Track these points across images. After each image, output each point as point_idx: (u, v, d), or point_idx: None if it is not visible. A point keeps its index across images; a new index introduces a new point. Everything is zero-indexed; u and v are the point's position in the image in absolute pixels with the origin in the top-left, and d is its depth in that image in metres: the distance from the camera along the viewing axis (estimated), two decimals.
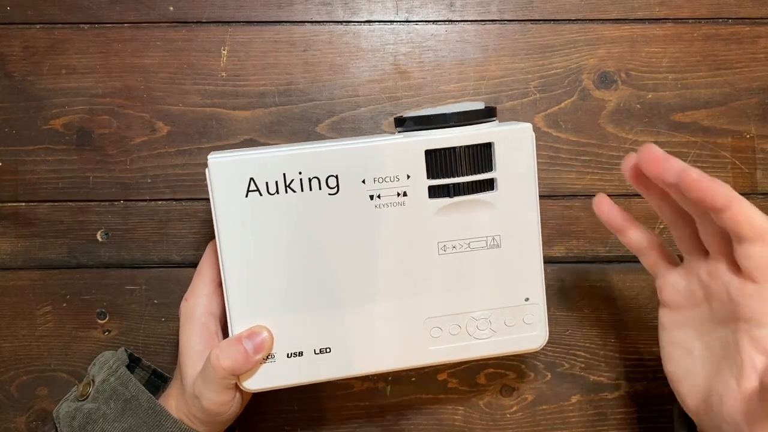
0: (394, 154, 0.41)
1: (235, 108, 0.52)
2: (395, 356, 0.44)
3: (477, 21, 0.52)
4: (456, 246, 0.43)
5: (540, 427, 0.54)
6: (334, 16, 0.51)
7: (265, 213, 0.41)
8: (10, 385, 0.53)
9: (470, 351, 0.44)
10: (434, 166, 0.42)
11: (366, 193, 0.41)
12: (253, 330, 0.42)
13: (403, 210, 0.42)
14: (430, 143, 0.41)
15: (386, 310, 0.43)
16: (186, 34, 0.51)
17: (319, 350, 0.43)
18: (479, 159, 0.42)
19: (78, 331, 0.53)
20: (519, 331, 0.44)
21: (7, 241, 0.52)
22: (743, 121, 0.53)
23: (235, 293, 0.42)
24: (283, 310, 0.42)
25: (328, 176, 0.41)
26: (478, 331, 0.44)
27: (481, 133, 0.42)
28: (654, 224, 0.53)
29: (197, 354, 0.43)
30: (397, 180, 0.41)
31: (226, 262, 0.41)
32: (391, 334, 0.43)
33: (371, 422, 0.54)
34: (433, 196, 0.42)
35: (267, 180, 0.41)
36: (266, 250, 0.41)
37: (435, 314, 0.43)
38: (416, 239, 0.42)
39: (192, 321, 0.44)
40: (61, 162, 0.52)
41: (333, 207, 0.41)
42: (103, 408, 0.44)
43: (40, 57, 0.51)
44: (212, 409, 0.42)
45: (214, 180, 0.40)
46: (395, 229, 0.42)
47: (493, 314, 0.44)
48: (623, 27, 0.52)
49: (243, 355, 0.41)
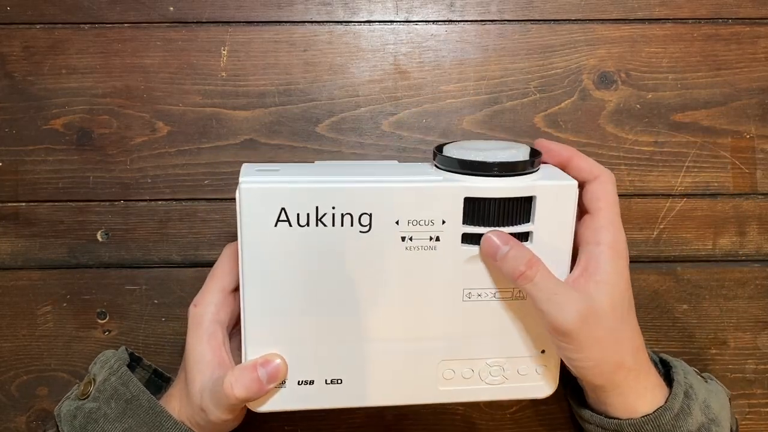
0: (433, 198, 0.40)
1: (235, 108, 0.52)
2: (405, 393, 0.43)
3: (477, 21, 0.52)
4: (481, 294, 0.42)
5: (540, 427, 0.54)
6: (334, 16, 0.51)
7: (292, 244, 0.40)
8: (10, 385, 0.53)
9: (480, 394, 0.44)
10: (471, 212, 0.40)
11: (398, 234, 0.40)
12: (267, 358, 0.41)
13: (434, 254, 0.41)
14: (471, 191, 0.40)
15: (402, 349, 0.42)
16: (186, 34, 0.51)
17: (331, 380, 0.42)
18: (518, 211, 0.41)
19: (78, 331, 0.53)
20: (531, 380, 0.44)
21: (7, 241, 0.52)
22: (743, 121, 0.53)
23: (252, 317, 0.41)
24: (299, 338, 0.41)
25: (362, 214, 0.40)
26: (491, 377, 0.44)
27: (525, 186, 0.40)
28: (654, 224, 0.53)
29: (204, 363, 0.43)
30: (432, 224, 0.40)
31: (247, 286, 0.40)
32: (403, 372, 0.43)
33: (371, 422, 0.54)
34: (465, 242, 0.41)
35: (299, 212, 0.39)
36: (289, 280, 0.40)
37: (450, 357, 0.43)
38: (443, 284, 0.41)
39: (200, 329, 0.43)
40: (61, 162, 0.52)
41: (362, 245, 0.40)
42: (104, 408, 0.44)
43: (41, 57, 0.51)
44: (217, 423, 0.42)
45: (244, 205, 0.39)
46: (423, 272, 0.41)
47: (508, 362, 0.44)
48: (623, 27, 0.52)
49: (257, 384, 0.41)
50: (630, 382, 0.42)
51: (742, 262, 0.54)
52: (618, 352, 0.41)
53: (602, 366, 0.41)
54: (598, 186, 0.42)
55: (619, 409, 0.42)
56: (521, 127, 0.52)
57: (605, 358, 0.41)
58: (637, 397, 0.42)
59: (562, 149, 0.44)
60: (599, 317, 0.40)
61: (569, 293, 0.40)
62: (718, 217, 0.53)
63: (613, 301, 0.41)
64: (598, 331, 0.40)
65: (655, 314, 0.54)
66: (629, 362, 0.41)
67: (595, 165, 0.43)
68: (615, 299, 0.41)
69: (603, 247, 0.41)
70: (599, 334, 0.40)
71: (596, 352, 0.40)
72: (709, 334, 0.54)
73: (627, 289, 0.42)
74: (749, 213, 0.53)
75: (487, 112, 0.52)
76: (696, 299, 0.54)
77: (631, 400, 0.42)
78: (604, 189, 0.42)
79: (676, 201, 0.53)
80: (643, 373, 0.43)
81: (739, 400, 0.55)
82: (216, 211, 0.52)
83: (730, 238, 0.54)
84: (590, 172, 0.43)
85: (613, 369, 0.41)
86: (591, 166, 0.43)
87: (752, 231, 0.54)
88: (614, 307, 0.41)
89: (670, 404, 0.42)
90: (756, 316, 0.54)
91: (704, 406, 0.43)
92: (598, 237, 0.42)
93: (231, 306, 0.44)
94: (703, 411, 0.43)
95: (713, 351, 0.54)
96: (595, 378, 0.41)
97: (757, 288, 0.54)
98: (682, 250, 0.54)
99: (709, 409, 0.43)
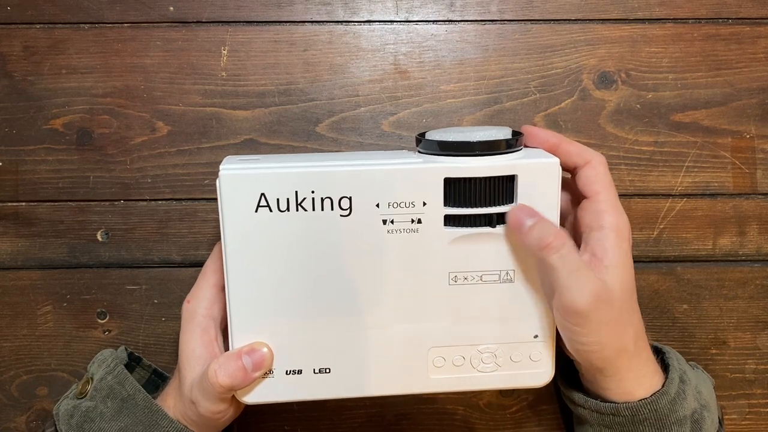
0: (412, 180, 0.40)
1: (235, 108, 0.52)
2: (395, 382, 0.43)
3: (477, 21, 0.52)
4: (468, 277, 0.42)
5: (540, 427, 0.54)
6: (334, 16, 0.51)
7: (273, 230, 0.40)
8: (10, 385, 0.53)
9: (472, 383, 0.44)
10: (452, 194, 0.40)
11: (379, 218, 0.40)
12: (253, 346, 0.41)
13: (416, 237, 0.40)
14: (450, 171, 0.40)
15: (390, 336, 0.42)
16: (186, 34, 0.51)
17: (319, 370, 0.42)
18: (500, 190, 0.40)
19: (78, 331, 0.53)
20: (525, 367, 0.44)
21: (7, 241, 0.52)
22: (743, 121, 0.53)
23: (237, 306, 0.41)
24: (285, 327, 0.41)
25: (342, 197, 0.40)
26: (483, 364, 0.43)
27: (506, 164, 0.40)
28: (654, 224, 0.53)
29: (196, 358, 0.43)
30: (413, 206, 0.40)
31: (231, 274, 0.40)
32: (393, 360, 0.42)
33: (371, 422, 0.54)
34: (448, 224, 0.41)
35: (278, 197, 0.39)
36: (272, 267, 0.40)
37: (440, 344, 0.43)
38: (427, 267, 0.41)
39: (192, 324, 0.44)
40: (61, 162, 0.52)
41: (344, 229, 0.40)
42: (100, 406, 0.44)
43: (40, 57, 0.51)
44: (208, 416, 0.42)
45: (224, 192, 0.39)
46: (406, 255, 0.41)
47: (500, 349, 0.43)
48: (623, 27, 0.52)
49: (241, 372, 0.41)
50: (630, 367, 0.42)
51: (742, 262, 0.54)
52: (622, 336, 0.41)
53: (606, 350, 0.40)
54: (591, 170, 0.42)
55: (616, 393, 0.42)
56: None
57: (610, 342, 0.40)
58: (635, 382, 0.42)
59: (549, 135, 0.43)
60: (611, 301, 0.39)
61: (588, 273, 0.39)
62: (718, 217, 0.53)
63: (623, 285, 0.40)
64: (608, 315, 0.39)
65: (655, 314, 0.54)
66: (631, 347, 0.41)
67: (584, 149, 0.43)
68: (624, 283, 0.41)
69: (607, 231, 0.41)
70: (608, 318, 0.39)
71: (603, 336, 0.40)
72: (709, 334, 0.54)
73: (632, 272, 0.42)
74: (749, 213, 0.53)
75: (487, 112, 0.52)
76: (696, 299, 0.54)
77: (629, 385, 0.42)
78: (596, 172, 0.42)
79: (676, 201, 0.53)
80: (642, 358, 0.43)
81: (739, 400, 0.55)
82: (216, 211, 0.52)
83: (730, 238, 0.54)
84: (580, 157, 0.42)
85: (616, 353, 0.41)
86: (580, 150, 0.43)
87: (752, 231, 0.54)
88: (623, 291, 0.40)
89: (667, 389, 0.42)
90: (756, 316, 0.54)
91: (696, 392, 0.43)
92: (600, 221, 0.41)
93: (223, 302, 0.44)
94: (695, 397, 0.43)
95: (713, 351, 0.54)
96: (597, 361, 0.41)
97: (757, 288, 0.54)
98: (682, 250, 0.54)
99: (700, 395, 0.44)
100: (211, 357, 0.43)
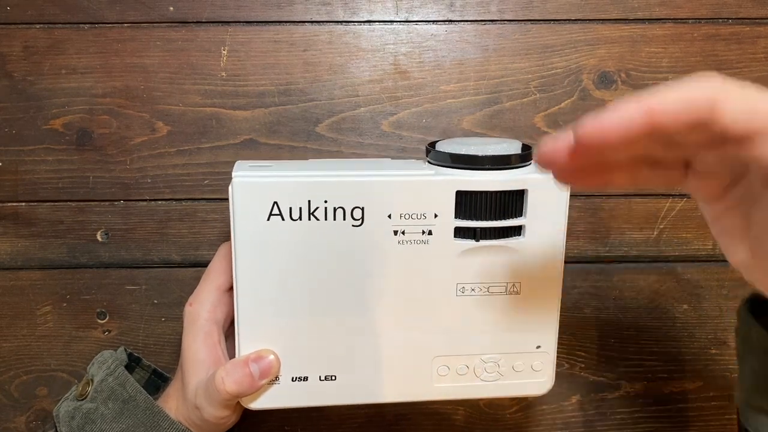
0: (425, 192, 0.40)
1: (235, 108, 0.52)
2: (400, 390, 0.43)
3: (477, 21, 0.52)
4: (475, 289, 0.42)
5: (540, 427, 0.54)
6: (334, 16, 0.51)
7: (285, 238, 0.40)
8: (10, 385, 0.53)
9: (475, 392, 0.44)
10: (463, 206, 0.40)
11: (390, 228, 0.40)
12: (260, 353, 0.41)
13: (426, 248, 0.41)
14: (463, 184, 0.40)
15: (396, 345, 0.42)
16: (186, 34, 0.51)
17: (325, 377, 0.42)
18: (510, 204, 0.41)
19: (78, 331, 0.53)
20: (526, 377, 0.44)
21: (7, 241, 0.52)
22: None
23: (246, 313, 0.41)
24: (292, 333, 0.41)
25: (354, 207, 0.40)
26: (486, 373, 0.44)
27: (517, 179, 0.40)
28: (654, 224, 0.53)
29: (199, 362, 0.43)
30: (424, 218, 0.40)
31: (240, 281, 0.40)
32: (398, 368, 0.43)
33: (371, 422, 0.54)
34: (458, 236, 0.41)
35: (291, 205, 0.39)
36: (282, 275, 0.40)
37: (444, 353, 0.43)
38: (436, 278, 0.41)
39: (195, 328, 0.43)
40: (61, 162, 0.52)
41: (355, 238, 0.40)
42: (101, 408, 0.44)
43: (40, 57, 0.51)
44: (212, 421, 0.42)
45: (236, 199, 0.39)
46: (416, 266, 0.41)
47: (503, 358, 0.43)
48: (623, 27, 0.52)
49: (248, 379, 0.40)
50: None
51: None
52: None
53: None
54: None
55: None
56: (521, 127, 0.52)
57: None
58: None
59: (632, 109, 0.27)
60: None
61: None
62: None
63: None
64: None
65: (655, 314, 0.54)
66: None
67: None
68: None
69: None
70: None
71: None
72: (709, 334, 0.54)
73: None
74: None
75: (487, 112, 0.52)
76: (696, 299, 0.54)
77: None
78: None
79: (676, 201, 0.53)
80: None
81: None
82: (216, 211, 0.52)
83: None
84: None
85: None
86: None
87: None
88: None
89: None
90: None
91: None
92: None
93: (226, 305, 0.44)
94: None
95: (713, 351, 0.54)
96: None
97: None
98: (682, 250, 0.54)
99: None
100: (214, 361, 0.42)
